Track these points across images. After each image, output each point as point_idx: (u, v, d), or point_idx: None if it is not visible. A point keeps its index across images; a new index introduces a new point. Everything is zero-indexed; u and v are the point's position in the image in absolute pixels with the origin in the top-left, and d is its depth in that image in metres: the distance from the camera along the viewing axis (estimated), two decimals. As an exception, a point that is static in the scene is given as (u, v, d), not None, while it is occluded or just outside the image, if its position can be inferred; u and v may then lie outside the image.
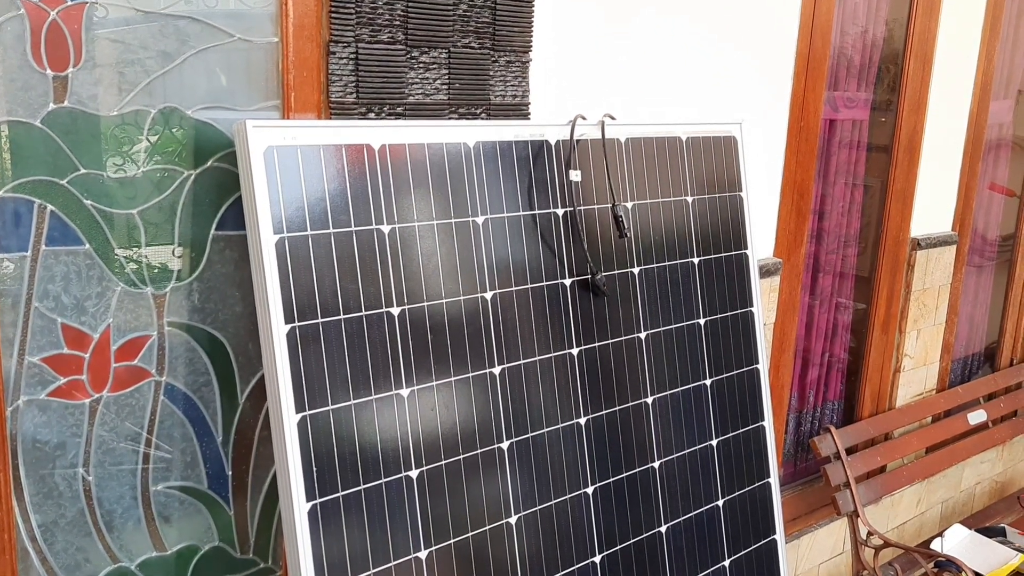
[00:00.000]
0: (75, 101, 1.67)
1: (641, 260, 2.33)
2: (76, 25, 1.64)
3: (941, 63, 3.36)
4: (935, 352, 3.74)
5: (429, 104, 2.03)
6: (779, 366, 3.09)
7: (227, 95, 1.83)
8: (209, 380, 1.92)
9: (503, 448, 2.06)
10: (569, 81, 2.30)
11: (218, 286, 1.90)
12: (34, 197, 1.66)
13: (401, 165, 1.90)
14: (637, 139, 2.32)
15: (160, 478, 1.90)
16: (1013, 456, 4.39)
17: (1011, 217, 4.22)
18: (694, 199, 2.46)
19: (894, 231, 3.40)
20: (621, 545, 2.28)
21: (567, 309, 2.18)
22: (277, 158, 1.74)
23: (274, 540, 2.08)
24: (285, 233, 1.75)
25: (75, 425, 1.78)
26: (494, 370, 2.05)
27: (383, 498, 1.87)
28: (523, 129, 2.10)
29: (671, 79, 2.53)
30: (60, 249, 1.71)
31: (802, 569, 3.36)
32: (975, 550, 3.33)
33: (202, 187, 1.84)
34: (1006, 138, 4.06)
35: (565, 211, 2.17)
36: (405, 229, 1.91)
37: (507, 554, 2.06)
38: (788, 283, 3.03)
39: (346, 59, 1.89)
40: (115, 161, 1.73)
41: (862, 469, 3.31)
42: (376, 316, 1.86)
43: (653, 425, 2.36)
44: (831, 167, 3.26)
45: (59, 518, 1.79)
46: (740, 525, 2.56)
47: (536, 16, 2.16)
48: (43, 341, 1.72)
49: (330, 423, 1.80)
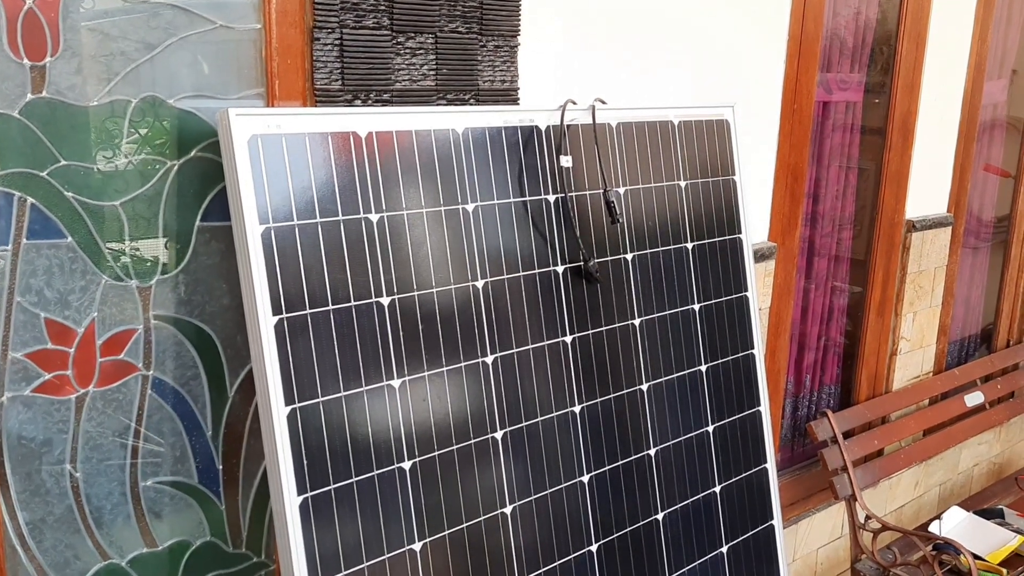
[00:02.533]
0: (54, 91, 1.63)
1: (634, 246, 2.31)
2: (53, 13, 1.61)
3: (934, 43, 3.33)
4: (931, 334, 3.73)
5: (416, 90, 1.99)
6: (775, 350, 3.07)
7: (210, 84, 1.80)
8: (197, 373, 1.90)
9: (497, 438, 2.04)
10: (558, 65, 2.27)
11: (204, 278, 1.87)
12: (14, 190, 1.63)
13: (389, 153, 1.87)
14: (628, 123, 2.29)
15: (149, 473, 1.87)
16: (1010, 437, 4.39)
17: (1006, 198, 4.20)
18: (687, 183, 2.43)
19: (889, 213, 3.38)
20: (618, 533, 2.26)
21: (560, 296, 2.15)
22: (261, 147, 1.71)
23: (266, 534, 2.05)
24: (271, 223, 1.72)
25: (61, 421, 1.75)
26: (486, 359, 2.02)
27: (376, 490, 1.84)
28: (512, 115, 2.07)
29: (663, 62, 2.50)
30: (42, 242, 1.67)
31: (800, 553, 3.35)
32: (973, 532, 3.33)
33: (186, 178, 1.81)
34: (1000, 118, 4.04)
35: (556, 197, 2.14)
36: (394, 217, 1.88)
37: (503, 544, 2.04)
38: (783, 267, 3.01)
39: (331, 45, 1.86)
40: (97, 152, 1.70)
41: (859, 453, 3.29)
42: (366, 306, 1.84)
43: (648, 412, 2.34)
44: (825, 150, 3.24)
45: (47, 515, 1.77)
46: (737, 511, 2.55)
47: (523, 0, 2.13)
48: (26, 336, 1.69)
49: (320, 415, 1.77)
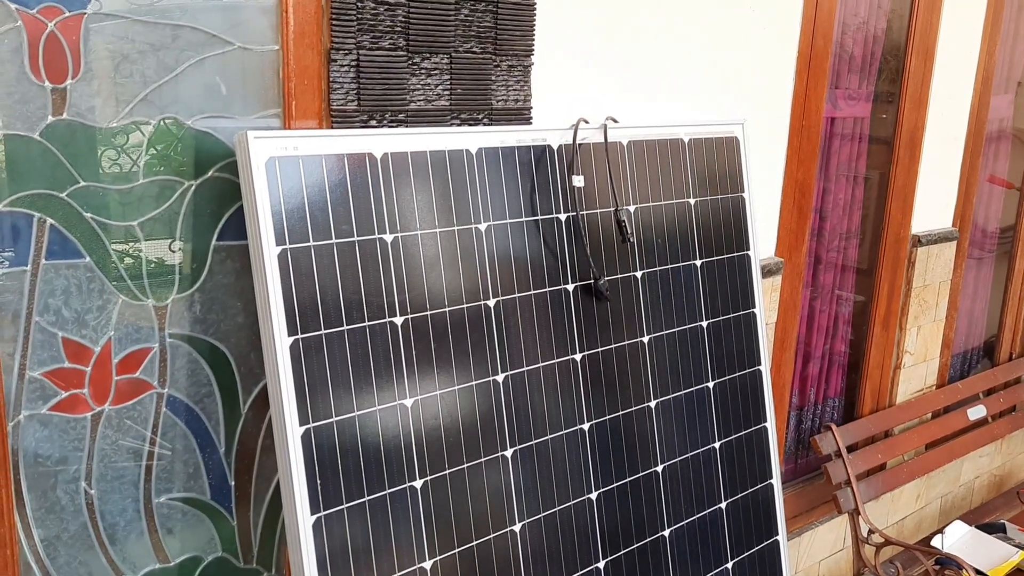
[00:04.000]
0: (74, 113, 1.64)
1: (643, 263, 2.32)
2: (74, 36, 1.62)
3: (942, 59, 3.35)
4: (935, 348, 3.74)
5: (431, 110, 2.01)
6: (780, 365, 3.08)
7: (227, 104, 1.81)
8: (211, 391, 1.91)
9: (507, 456, 2.05)
10: (570, 84, 2.28)
11: (219, 296, 1.89)
12: (33, 211, 1.64)
13: (403, 173, 1.89)
14: (639, 141, 2.30)
15: (163, 490, 1.89)
16: (1012, 450, 4.40)
17: (1011, 209, 4.21)
18: (696, 201, 2.44)
19: (895, 228, 3.39)
20: (625, 549, 2.27)
21: (570, 315, 2.16)
22: (279, 168, 1.72)
23: (277, 549, 2.07)
24: (287, 244, 1.73)
25: (77, 439, 1.76)
26: (497, 377, 2.04)
27: (387, 509, 1.86)
28: (525, 134, 2.08)
29: (673, 80, 2.51)
30: (60, 263, 1.69)
31: (803, 566, 3.37)
32: (976, 547, 3.34)
33: (203, 198, 1.82)
34: (1006, 130, 4.05)
35: (568, 216, 2.15)
36: (408, 238, 1.89)
37: (512, 562, 2.05)
38: (789, 282, 3.02)
39: (347, 66, 1.87)
40: (115, 173, 1.71)
41: (863, 467, 3.31)
42: (379, 326, 1.85)
43: (656, 429, 2.35)
44: (832, 164, 3.25)
45: (62, 532, 1.78)
46: (743, 527, 2.56)
47: (537, 20, 2.14)
48: (44, 355, 1.70)
49: (334, 435, 1.79)
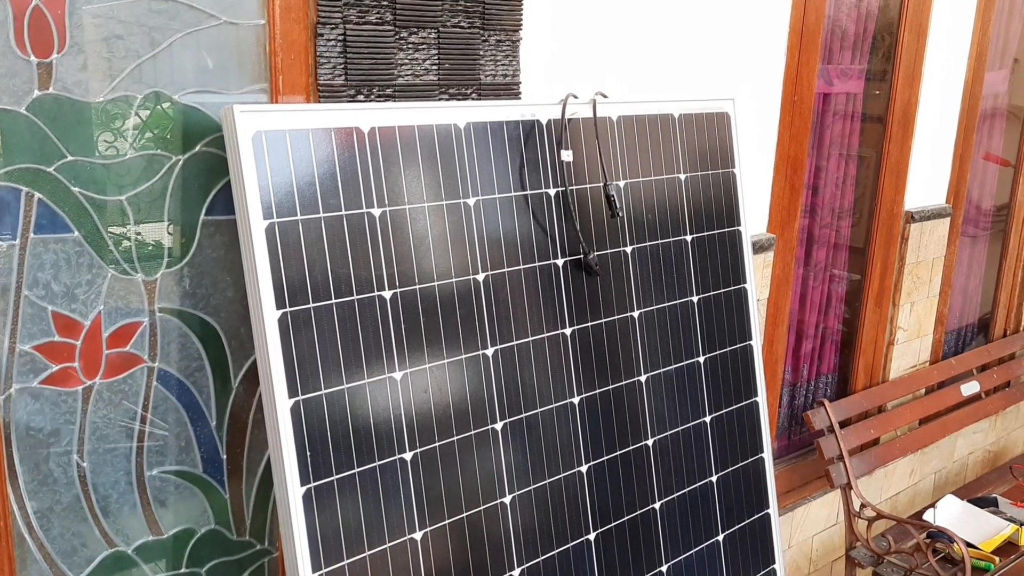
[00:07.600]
0: (60, 87, 1.65)
1: (634, 239, 2.33)
2: (60, 10, 1.62)
3: (936, 34, 3.34)
4: (928, 324, 3.75)
5: (419, 85, 2.01)
6: (773, 341, 3.10)
7: (214, 79, 1.82)
8: (202, 365, 1.93)
9: (496, 428, 2.07)
10: (559, 59, 2.28)
11: (209, 271, 1.90)
12: (21, 185, 1.65)
13: (391, 148, 1.89)
14: (629, 117, 2.31)
15: (155, 463, 1.91)
16: (1006, 426, 4.42)
17: (1005, 187, 4.21)
18: (687, 176, 2.45)
19: (888, 205, 3.40)
20: (615, 522, 2.29)
21: (560, 289, 2.17)
22: (266, 143, 1.73)
23: (270, 521, 2.09)
24: (275, 218, 1.74)
25: (68, 412, 1.78)
26: (487, 351, 2.05)
27: (377, 480, 1.88)
28: (514, 109, 2.09)
29: (663, 55, 2.51)
30: (49, 237, 1.70)
31: (795, 541, 3.40)
32: (967, 521, 3.36)
33: (191, 172, 1.83)
34: (1001, 107, 4.04)
35: (557, 191, 2.16)
36: (396, 212, 1.90)
37: (502, 533, 2.07)
38: (782, 258, 3.03)
39: (334, 41, 1.88)
40: (102, 147, 1.72)
41: (855, 442, 3.33)
42: (368, 300, 1.86)
43: (647, 403, 2.37)
44: (825, 141, 3.25)
45: (55, 504, 1.80)
46: (734, 500, 2.58)
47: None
48: (34, 329, 1.71)
49: (323, 407, 1.80)
